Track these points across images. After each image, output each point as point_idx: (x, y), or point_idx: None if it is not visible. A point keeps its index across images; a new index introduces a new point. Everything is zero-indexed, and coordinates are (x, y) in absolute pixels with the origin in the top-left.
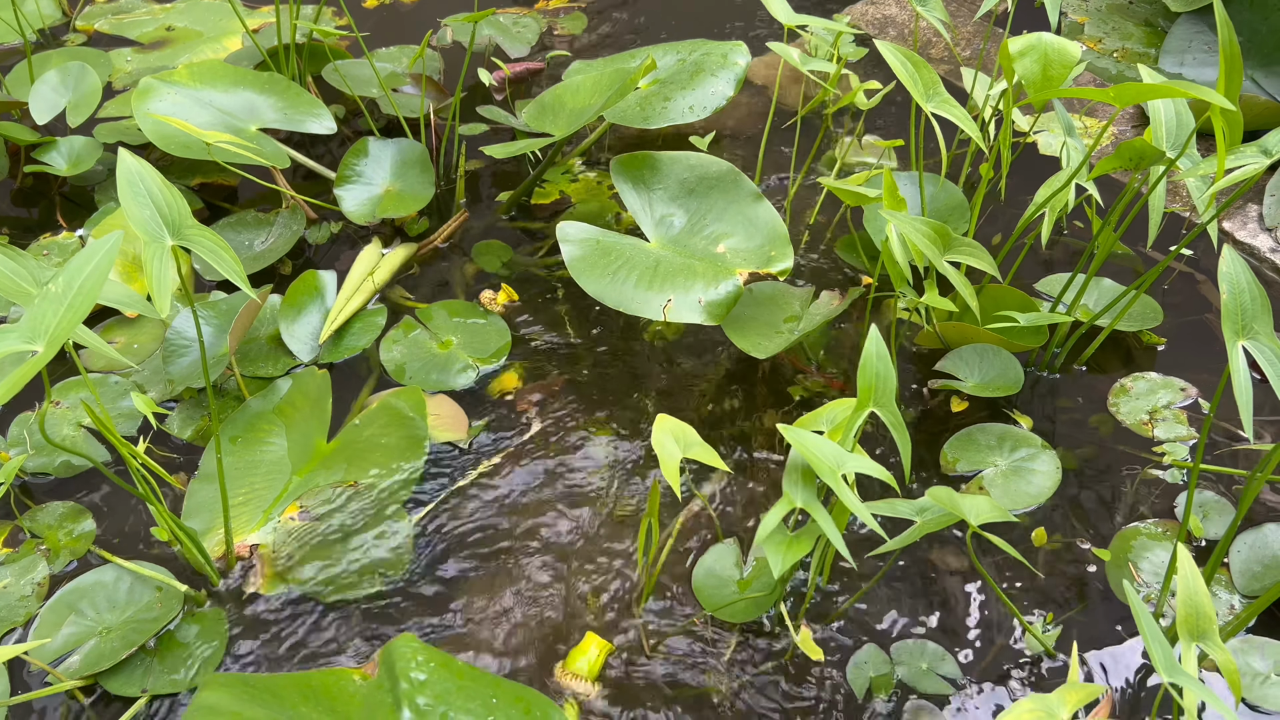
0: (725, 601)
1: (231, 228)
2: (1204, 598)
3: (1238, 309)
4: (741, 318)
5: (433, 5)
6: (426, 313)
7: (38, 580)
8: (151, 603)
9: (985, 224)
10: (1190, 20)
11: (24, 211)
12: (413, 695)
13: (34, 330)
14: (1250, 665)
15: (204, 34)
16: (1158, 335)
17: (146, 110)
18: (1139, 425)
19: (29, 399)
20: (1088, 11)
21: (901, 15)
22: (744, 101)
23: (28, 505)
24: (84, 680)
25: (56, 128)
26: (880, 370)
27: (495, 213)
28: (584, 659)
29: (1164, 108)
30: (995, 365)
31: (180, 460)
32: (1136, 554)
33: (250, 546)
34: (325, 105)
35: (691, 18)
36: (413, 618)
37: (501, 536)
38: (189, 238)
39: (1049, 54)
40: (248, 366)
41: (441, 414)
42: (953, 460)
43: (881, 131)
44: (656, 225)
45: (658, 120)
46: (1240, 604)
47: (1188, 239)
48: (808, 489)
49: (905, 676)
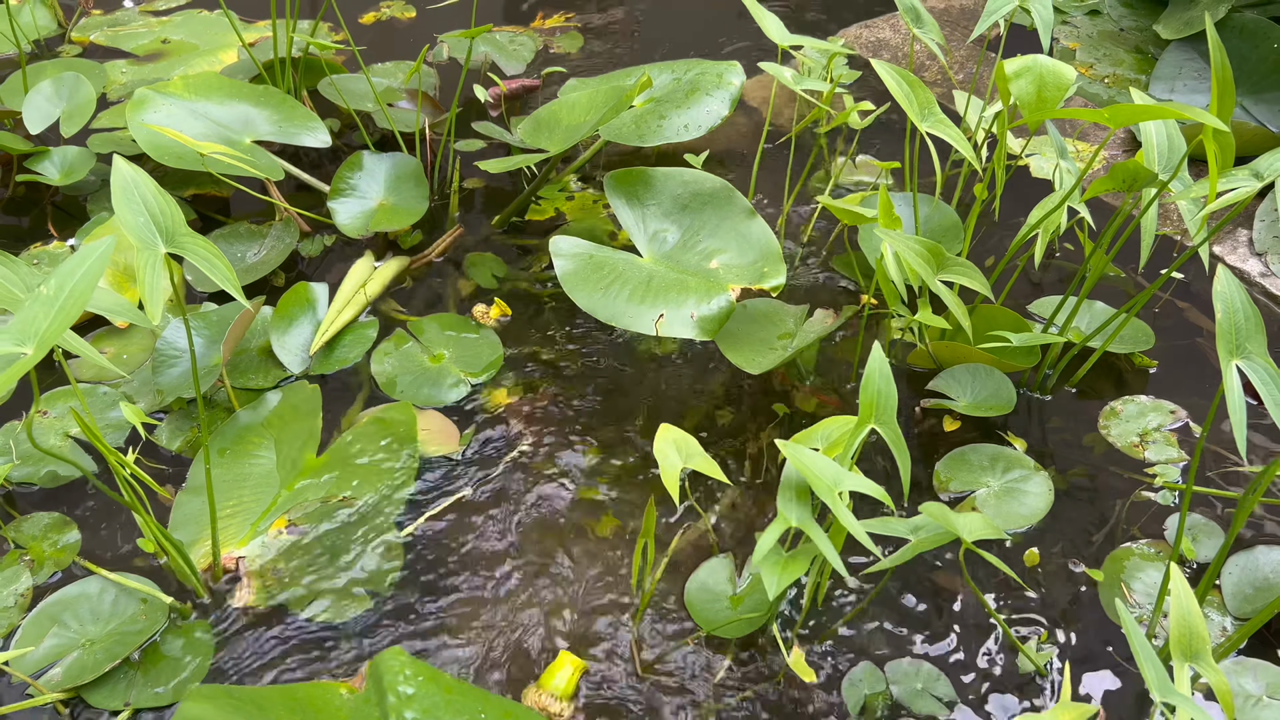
0: (718, 618)
1: (224, 239)
2: (1197, 618)
3: (1232, 329)
4: (736, 334)
5: (429, 22)
6: (418, 326)
7: (21, 591)
8: (136, 615)
9: (978, 245)
10: (1181, 47)
11: (15, 220)
12: (400, 709)
13: (24, 332)
14: (1243, 687)
15: (199, 47)
16: (1149, 358)
17: (141, 120)
18: (1130, 447)
19: (15, 408)
20: (1079, 38)
21: (895, 39)
22: (739, 121)
23: (12, 515)
24: (66, 693)
25: (49, 138)
26: (883, 387)
27: (489, 228)
28: (557, 678)
29: (1156, 131)
30: (988, 385)
31: (169, 472)
32: (1129, 575)
33: (237, 559)
34: (320, 119)
35: (688, 39)
36: (401, 632)
37: (491, 551)
38: (182, 245)
39: (1044, 76)
40: (238, 378)
41: (432, 428)
42: (945, 480)
43: (875, 154)
44: (650, 240)
45: (652, 138)
46: (1232, 626)
47: (1180, 261)
48: (802, 507)
49: (900, 696)
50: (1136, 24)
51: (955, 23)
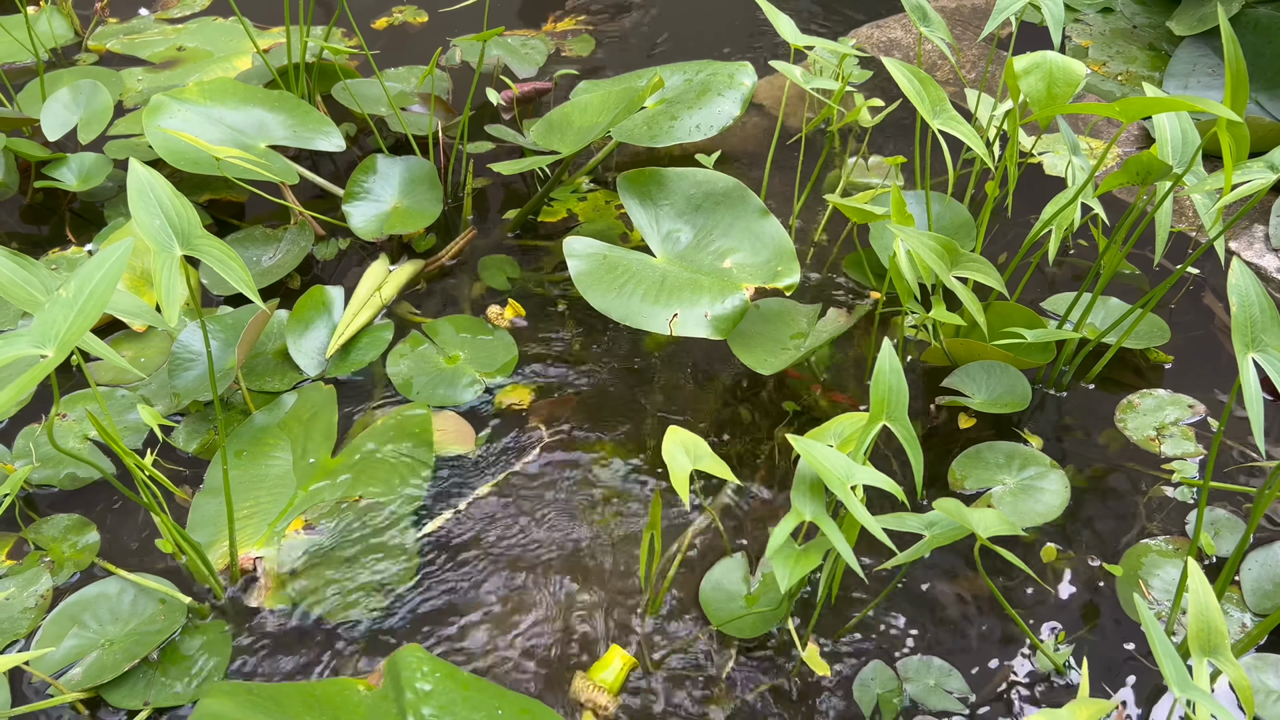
0: (733, 616)
1: (240, 243)
2: (1215, 612)
3: (1247, 321)
4: (748, 334)
5: (442, 26)
6: (433, 328)
7: (41, 592)
8: (155, 615)
9: (991, 243)
10: (1194, 44)
11: (34, 227)
12: (418, 705)
13: (44, 334)
14: (1263, 683)
15: (214, 54)
16: (1165, 353)
17: (157, 126)
18: (1146, 442)
19: (35, 412)
20: (1092, 35)
21: (906, 39)
22: (750, 122)
23: (32, 517)
24: (86, 693)
25: (67, 145)
26: (893, 384)
27: (502, 230)
28: (607, 671)
29: (1169, 125)
30: (1003, 382)
31: (186, 474)
32: (1147, 571)
33: (254, 559)
34: (334, 123)
35: (700, 41)
36: (417, 630)
37: (507, 551)
38: (198, 247)
39: (1054, 72)
40: (254, 381)
41: (447, 429)
42: (961, 478)
43: (887, 154)
44: (663, 240)
45: (664, 139)
46: (1251, 622)
47: (1196, 254)
48: (816, 501)
49: (914, 694)
50: (1149, 21)
51: (967, 22)
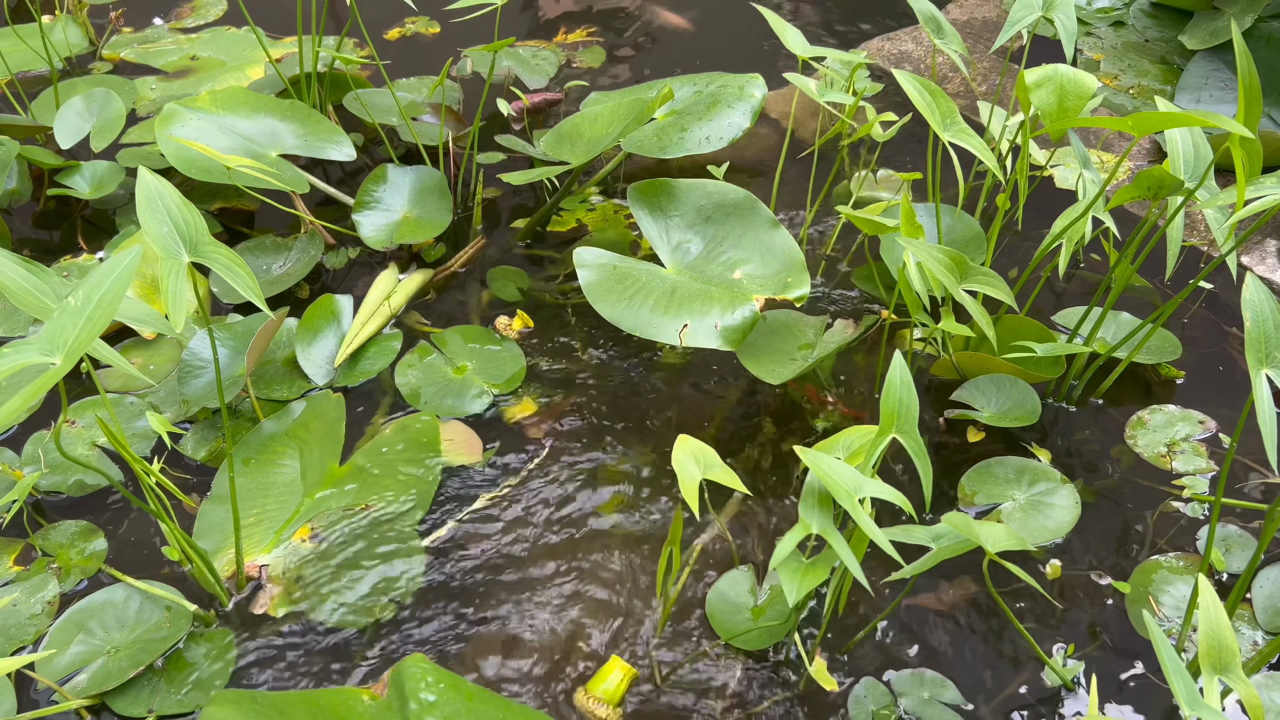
0: (739, 629)
1: (250, 251)
2: (1226, 630)
3: (1261, 337)
4: (755, 345)
5: (453, 37)
6: (442, 338)
7: (48, 599)
8: (160, 622)
9: (1002, 256)
10: (1206, 58)
11: (46, 234)
12: (422, 716)
13: (53, 343)
14: (1275, 701)
15: (227, 63)
16: (1176, 368)
17: (169, 134)
18: (1157, 458)
19: (43, 418)
20: (1104, 49)
21: (918, 51)
22: (761, 134)
23: (40, 524)
24: (91, 699)
25: (80, 153)
26: (904, 396)
27: (512, 240)
28: (607, 683)
29: (1182, 139)
30: (1012, 396)
31: (193, 481)
32: (1157, 588)
33: (260, 567)
34: (345, 133)
35: (711, 55)
36: (423, 639)
37: (514, 561)
38: (206, 255)
39: (1065, 85)
40: (263, 389)
41: (455, 439)
42: (971, 493)
43: (897, 167)
44: (673, 251)
45: (674, 150)
46: (1263, 640)
47: (1208, 269)
48: (824, 514)
49: (909, 708)
50: (1161, 35)
51: (978, 35)
